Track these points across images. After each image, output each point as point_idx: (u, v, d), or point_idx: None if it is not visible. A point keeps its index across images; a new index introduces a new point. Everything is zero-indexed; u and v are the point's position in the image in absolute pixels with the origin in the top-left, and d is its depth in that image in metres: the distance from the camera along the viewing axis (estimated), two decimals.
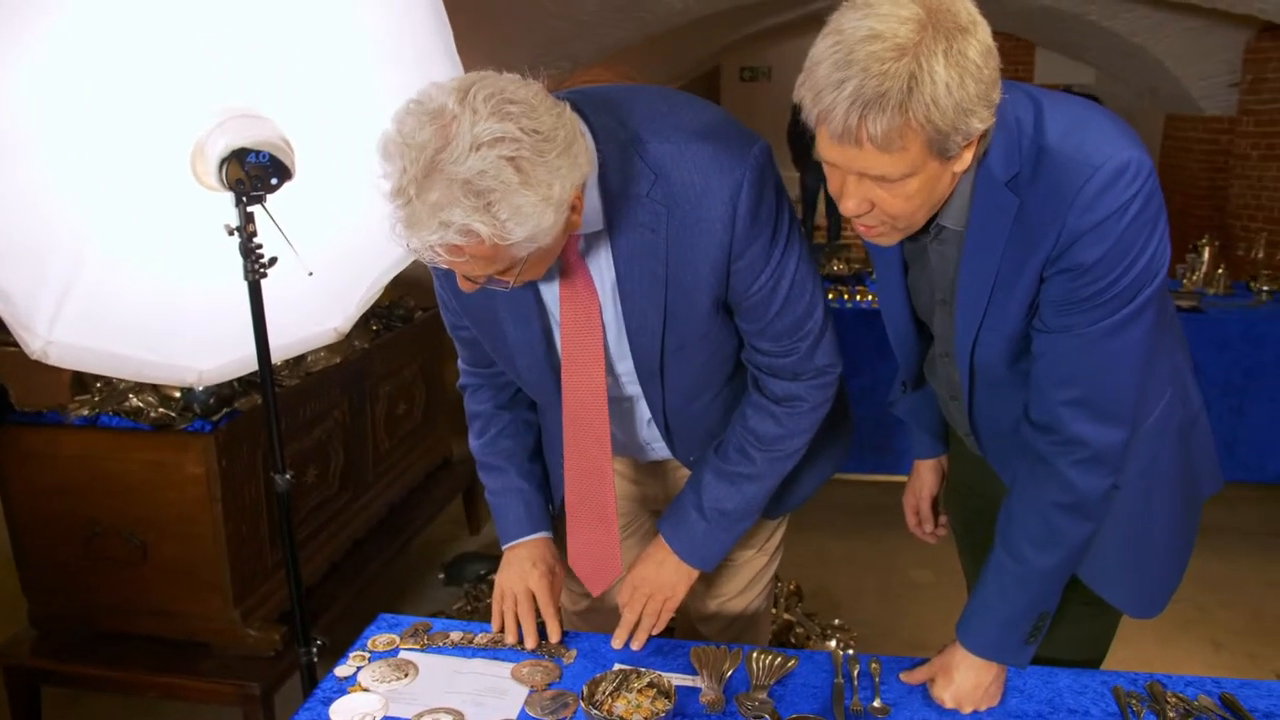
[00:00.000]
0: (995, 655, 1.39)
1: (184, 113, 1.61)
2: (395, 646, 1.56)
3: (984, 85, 1.08)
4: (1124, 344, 1.24)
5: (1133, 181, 1.15)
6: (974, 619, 1.40)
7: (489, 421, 1.65)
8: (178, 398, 2.35)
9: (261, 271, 1.68)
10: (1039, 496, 1.33)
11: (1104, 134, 1.17)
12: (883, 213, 1.18)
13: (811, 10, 6.95)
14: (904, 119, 1.05)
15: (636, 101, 1.29)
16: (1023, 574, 1.36)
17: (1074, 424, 1.28)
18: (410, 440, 3.38)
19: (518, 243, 1.11)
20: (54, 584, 2.41)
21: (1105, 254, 1.17)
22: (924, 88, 1.04)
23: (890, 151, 1.08)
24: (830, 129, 1.08)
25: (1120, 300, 1.21)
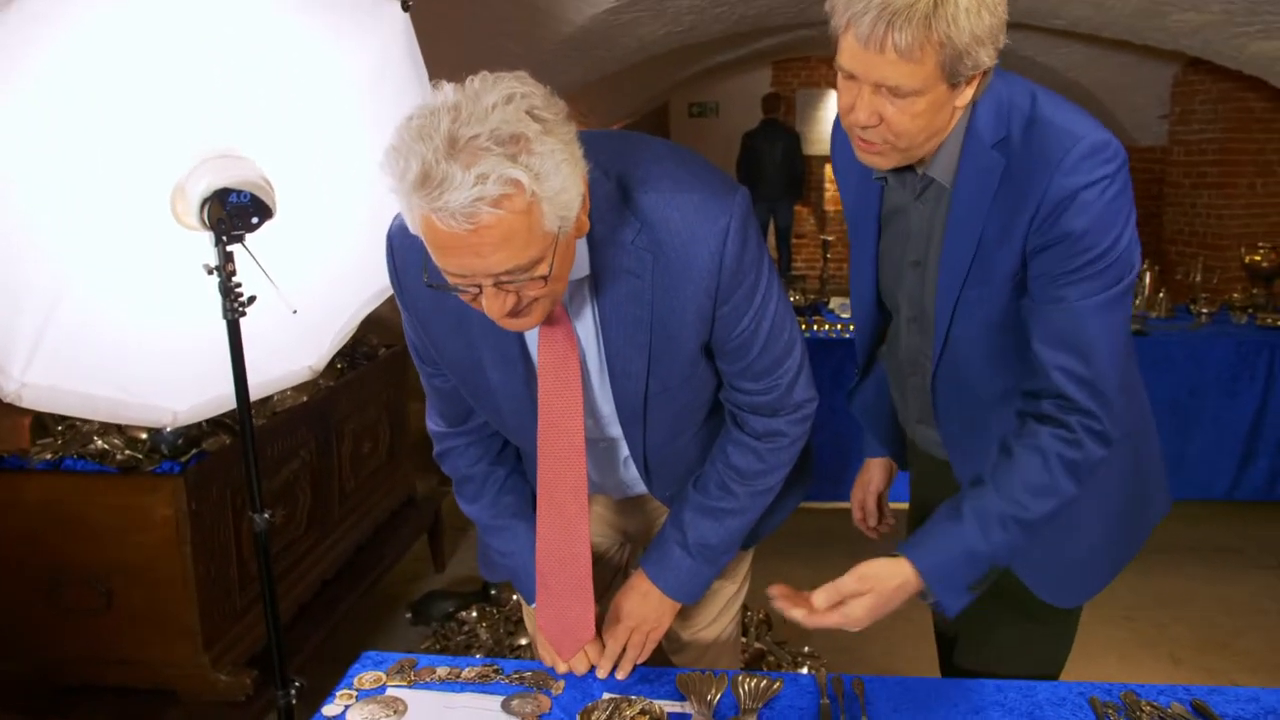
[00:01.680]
0: (939, 585, 1.36)
1: (164, 154, 1.62)
2: (382, 684, 1.55)
3: (996, 22, 1.19)
4: (1111, 323, 1.30)
5: (1112, 158, 1.25)
6: (936, 542, 1.37)
7: (483, 484, 1.61)
8: (144, 439, 2.32)
9: (241, 310, 1.69)
10: (1046, 447, 1.35)
11: (1088, 118, 1.29)
12: (888, 129, 1.26)
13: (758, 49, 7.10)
14: (926, 32, 1.15)
15: (622, 150, 1.31)
16: (1008, 515, 1.35)
17: (1075, 391, 1.32)
18: (375, 479, 3.36)
19: (551, 198, 1.08)
20: (12, 636, 2.35)
21: (1090, 225, 1.25)
22: (948, 6, 1.14)
23: (910, 61, 1.17)
24: (858, 33, 1.17)
25: (1109, 276, 1.28)
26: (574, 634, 1.51)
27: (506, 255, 1.08)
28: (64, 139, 1.54)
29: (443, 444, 1.61)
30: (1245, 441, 3.97)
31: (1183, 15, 4.55)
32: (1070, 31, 5.52)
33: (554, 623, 1.52)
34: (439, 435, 1.61)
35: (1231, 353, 3.90)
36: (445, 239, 1.07)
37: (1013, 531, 1.36)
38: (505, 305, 1.14)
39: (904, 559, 1.36)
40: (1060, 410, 1.35)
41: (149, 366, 1.78)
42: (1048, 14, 5.09)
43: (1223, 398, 3.92)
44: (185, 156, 1.62)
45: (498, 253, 1.07)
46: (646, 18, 4.16)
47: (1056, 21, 5.20)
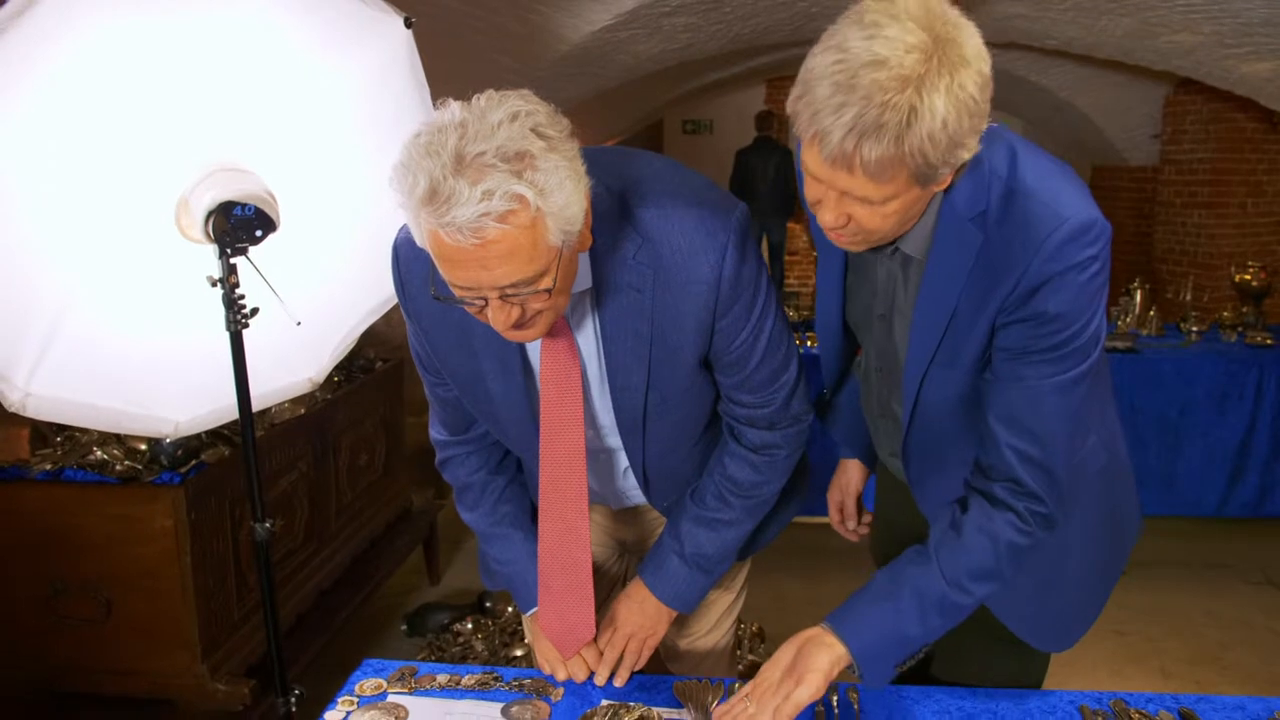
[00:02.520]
0: (869, 665, 1.34)
1: (169, 167, 1.64)
2: (383, 690, 1.57)
3: (977, 118, 1.09)
4: (1068, 404, 1.27)
5: (1095, 240, 1.18)
6: (870, 622, 1.34)
7: (483, 492, 1.63)
8: (144, 450, 2.34)
9: (244, 322, 1.71)
10: (999, 534, 1.33)
11: (1073, 191, 1.21)
12: (858, 226, 1.20)
13: (751, 66, 7.16)
14: (898, 150, 1.06)
15: (623, 167, 1.34)
16: (948, 600, 1.33)
17: (1026, 474, 1.30)
18: (372, 491, 3.37)
19: (556, 214, 1.10)
20: (12, 644, 2.36)
21: (1065, 308, 1.20)
22: (922, 122, 1.04)
23: (879, 180, 1.10)
24: (824, 150, 1.08)
25: (1074, 358, 1.24)
26: (575, 633, 1.54)
27: (512, 269, 1.11)
28: (70, 153, 1.56)
29: (444, 452, 1.63)
30: (1234, 459, 4.01)
31: (1174, 37, 4.62)
32: (1063, 52, 5.59)
33: (556, 623, 1.55)
34: (441, 444, 1.63)
35: (1221, 371, 3.94)
36: (452, 253, 1.09)
37: (948, 616, 1.35)
38: (510, 318, 1.16)
39: (835, 638, 1.34)
40: (1012, 495, 1.33)
41: (152, 377, 1.80)
42: (1040, 35, 5.16)
43: (1212, 415, 3.96)
44: (190, 170, 1.65)
45: (503, 266, 1.10)
46: (642, 35, 4.21)
47: (1049, 42, 5.27)
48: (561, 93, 4.63)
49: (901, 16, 1.05)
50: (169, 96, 1.61)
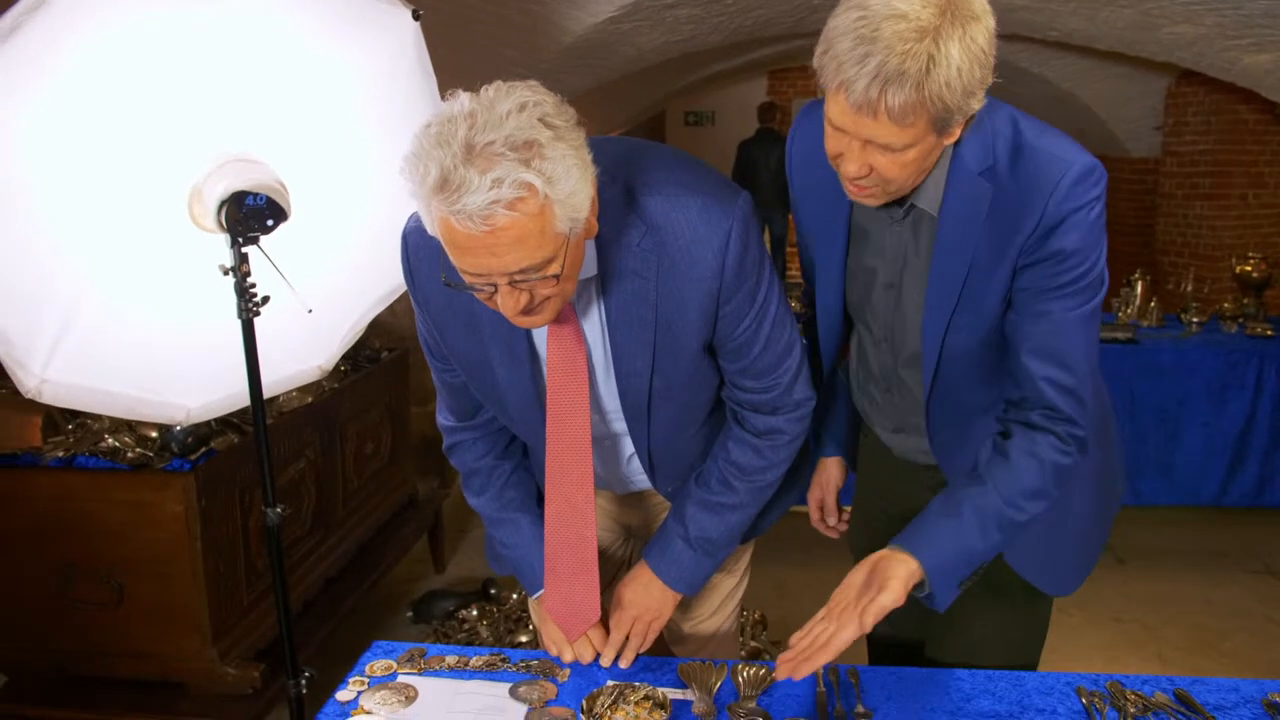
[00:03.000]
0: (939, 579, 1.40)
1: (182, 158, 1.67)
2: (393, 671, 1.61)
3: (986, 70, 1.20)
4: (1090, 333, 1.37)
5: (1098, 182, 1.30)
6: (938, 539, 1.40)
7: (489, 477, 1.66)
8: (154, 438, 2.37)
9: (256, 310, 1.73)
10: (1044, 455, 1.40)
11: (1070, 143, 1.33)
12: (879, 176, 1.28)
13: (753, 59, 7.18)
14: (919, 96, 1.15)
15: (628, 156, 1.36)
16: (1005, 517, 1.40)
17: (1061, 401, 1.39)
18: (378, 479, 3.40)
19: (563, 201, 1.13)
20: (26, 627, 2.40)
21: (1079, 244, 1.31)
22: (940, 69, 1.14)
23: (902, 124, 1.19)
24: (850, 98, 1.18)
25: (1090, 291, 1.35)
26: (581, 615, 1.57)
27: (521, 255, 1.13)
28: (86, 144, 1.58)
29: (452, 438, 1.66)
30: (1234, 448, 4.03)
31: (1175, 28, 4.63)
32: (1065, 43, 5.60)
33: (562, 605, 1.57)
34: (448, 429, 1.66)
35: (1221, 361, 3.95)
36: (463, 240, 1.12)
37: (1006, 532, 1.43)
38: (519, 303, 1.19)
39: (907, 554, 1.39)
40: (1049, 420, 1.41)
41: (165, 365, 1.82)
42: (1042, 26, 5.17)
43: (1212, 405, 3.98)
44: (202, 160, 1.67)
45: (512, 252, 1.13)
46: (645, 27, 4.23)
47: (1051, 33, 5.27)
48: (564, 84, 4.64)
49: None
50: (182, 88, 1.64)
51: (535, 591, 1.64)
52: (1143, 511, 4.18)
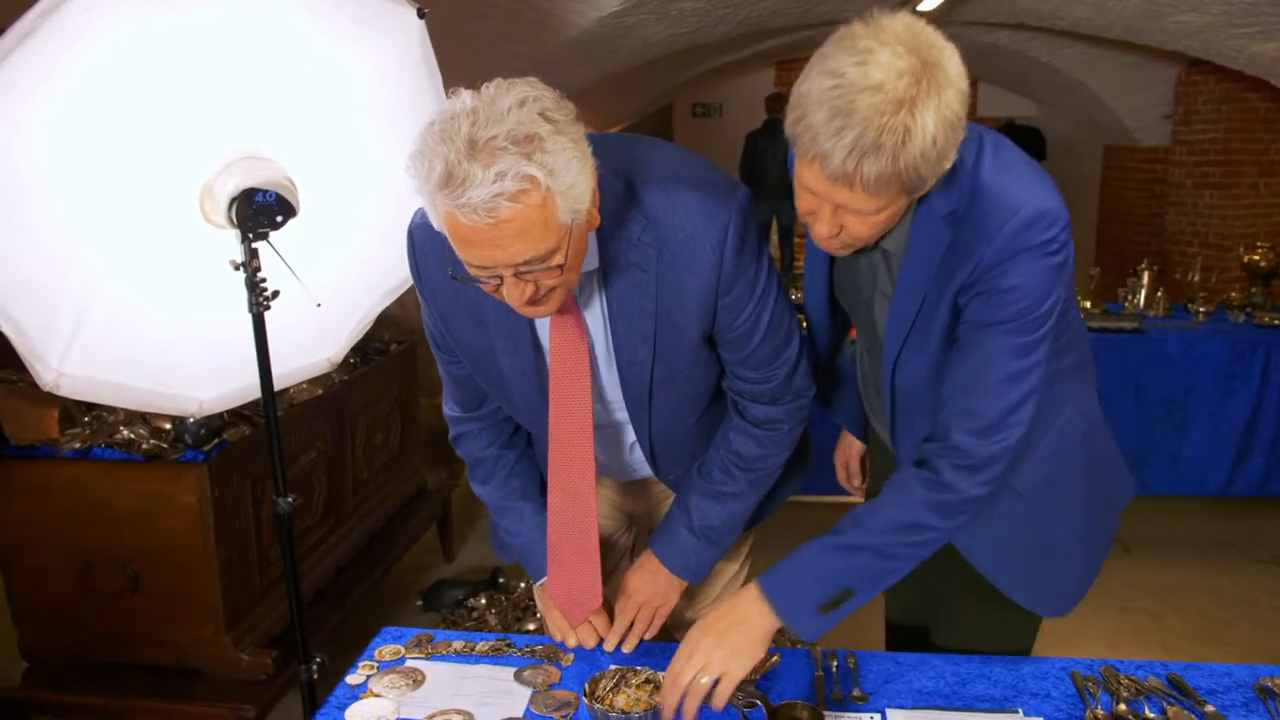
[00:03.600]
0: (790, 616, 1.40)
1: (193, 156, 1.71)
2: (402, 656, 1.65)
3: (959, 131, 1.18)
4: (1022, 367, 1.34)
5: (1049, 228, 1.26)
6: (785, 571, 1.42)
7: (494, 466, 1.69)
8: (168, 429, 2.41)
9: (266, 304, 1.78)
10: (911, 492, 1.40)
11: (1028, 181, 1.28)
12: (849, 234, 1.29)
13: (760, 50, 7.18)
14: (895, 167, 1.14)
15: (628, 152, 1.39)
16: (852, 541, 1.41)
17: (959, 433, 1.37)
18: (387, 470, 3.45)
19: (564, 192, 1.15)
20: (46, 616, 2.45)
21: (1025, 281, 1.28)
22: (916, 140, 1.13)
23: (877, 194, 1.18)
24: (826, 170, 1.17)
25: (1029, 327, 1.32)
26: (583, 602, 1.61)
27: (525, 246, 1.16)
28: (101, 143, 1.63)
29: (457, 428, 1.70)
30: (1241, 438, 4.03)
31: (1182, 17, 4.62)
32: (1073, 32, 5.59)
33: (564, 592, 1.61)
34: (454, 420, 1.70)
35: (1228, 351, 3.95)
36: (468, 233, 1.15)
37: (860, 555, 1.42)
38: (524, 294, 1.23)
39: (749, 600, 1.42)
40: (937, 452, 1.39)
41: (177, 358, 1.87)
42: (1049, 15, 5.17)
43: (1219, 395, 3.98)
44: (213, 158, 1.71)
45: (517, 244, 1.16)
46: (650, 20, 4.24)
47: (1059, 22, 5.28)
48: (571, 77, 4.66)
49: (890, 42, 1.13)
50: (193, 88, 1.68)
51: (539, 578, 1.68)
52: (1149, 501, 4.19)
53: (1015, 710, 1.47)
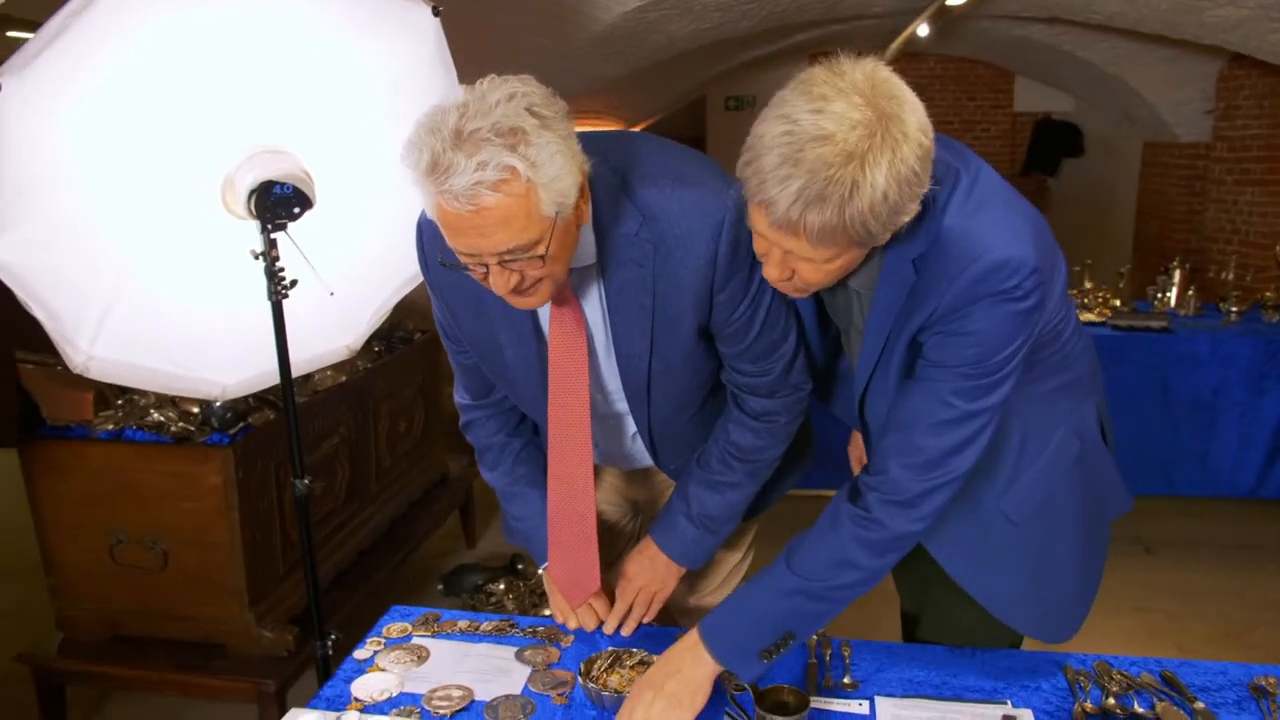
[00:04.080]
0: (729, 657, 1.40)
1: (216, 149, 1.77)
2: (408, 633, 1.70)
3: (918, 185, 1.14)
4: (970, 410, 1.31)
5: (1009, 276, 1.22)
6: (725, 618, 1.43)
7: (501, 453, 1.75)
8: (196, 413, 2.49)
9: (284, 293, 1.84)
10: (840, 529, 1.38)
11: (995, 226, 1.24)
12: (801, 280, 1.26)
13: (794, 42, 7.16)
14: (841, 220, 1.11)
15: (626, 149, 1.43)
16: (788, 586, 1.39)
17: (896, 466, 1.35)
18: (410, 457, 3.52)
19: (547, 185, 1.19)
20: (79, 590, 2.54)
21: (983, 327, 1.25)
22: (863, 195, 1.09)
23: (823, 245, 1.16)
24: (771, 217, 1.15)
25: (983, 373, 1.29)
26: (581, 584, 1.66)
27: (507, 235, 1.21)
28: (128, 137, 1.69)
29: (467, 415, 1.75)
30: (1272, 439, 3.98)
31: (1219, 11, 4.56)
32: (1108, 26, 5.53)
33: (564, 574, 1.66)
34: (464, 408, 1.75)
35: (1260, 351, 3.90)
36: (453, 220, 1.20)
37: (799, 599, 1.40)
38: (510, 282, 1.27)
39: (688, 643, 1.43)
40: (869, 484, 1.38)
41: (202, 343, 1.94)
42: (1083, 8, 5.11)
43: (1249, 396, 3.93)
44: (234, 151, 1.77)
45: (499, 232, 1.20)
46: (674, 15, 4.26)
47: (1093, 16, 5.22)
48: (596, 72, 4.70)
49: (848, 90, 1.10)
50: (215, 84, 1.74)
51: (543, 562, 1.73)
52: (1174, 502, 4.17)
53: (1004, 701, 1.50)
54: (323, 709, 1.49)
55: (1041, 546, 1.53)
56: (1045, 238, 1.30)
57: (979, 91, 9.61)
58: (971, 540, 1.54)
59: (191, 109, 1.72)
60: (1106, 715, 1.45)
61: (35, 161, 1.60)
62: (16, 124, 1.54)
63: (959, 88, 9.65)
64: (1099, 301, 4.30)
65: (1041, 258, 1.25)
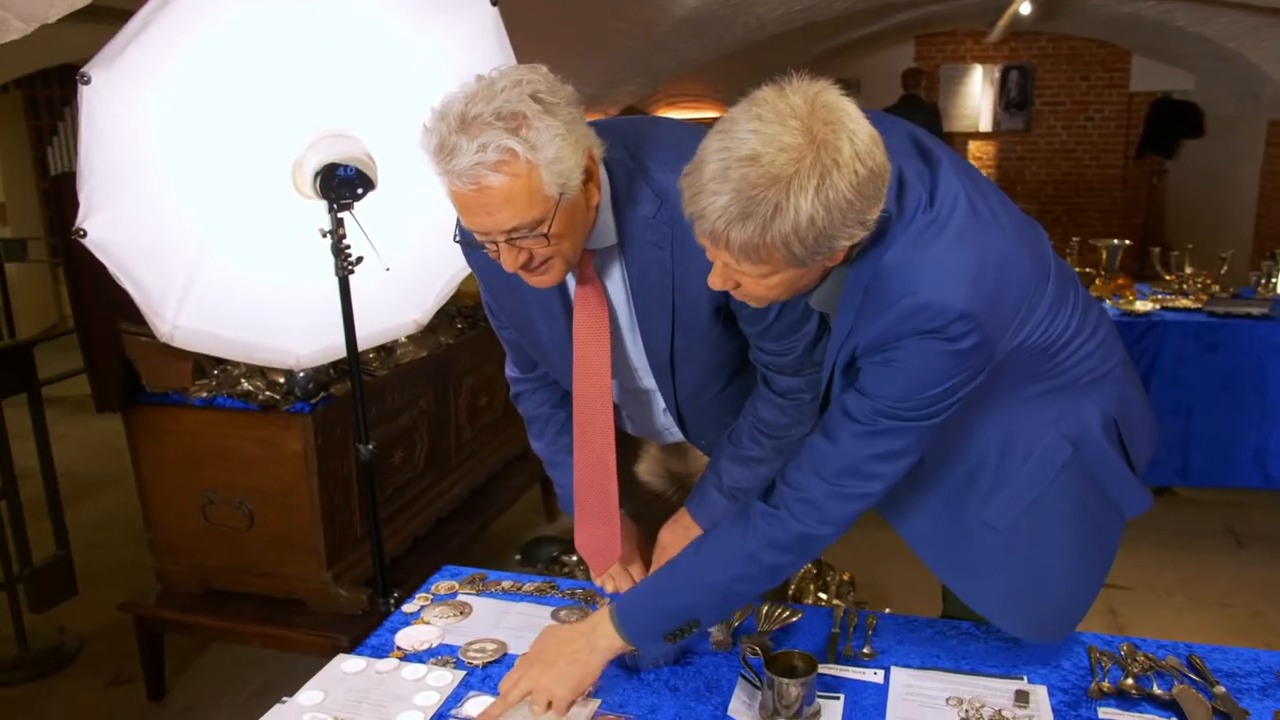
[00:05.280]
0: (638, 638, 1.46)
1: (285, 134, 1.90)
2: (455, 591, 1.81)
3: (855, 212, 1.13)
4: (891, 427, 1.33)
5: (931, 319, 1.22)
6: (637, 604, 1.48)
7: (547, 423, 1.84)
8: (281, 383, 2.66)
9: (350, 268, 1.96)
10: (752, 526, 1.42)
11: (930, 265, 1.24)
12: (745, 292, 1.28)
13: (895, 23, 7.05)
14: (763, 239, 1.12)
15: (643, 134, 1.48)
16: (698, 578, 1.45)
17: (807, 465, 1.40)
18: (490, 430, 3.65)
19: (547, 166, 1.25)
20: (176, 545, 2.75)
21: (907, 365, 1.27)
22: (785, 218, 1.10)
23: (751, 260, 1.17)
24: (699, 228, 1.17)
25: (907, 407, 1.31)
26: (604, 553, 1.73)
27: (511, 214, 1.28)
28: (207, 122, 1.84)
29: (516, 387, 1.85)
30: None
31: None
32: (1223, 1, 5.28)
33: (588, 543, 1.73)
34: (513, 380, 1.85)
35: None
36: (460, 200, 1.29)
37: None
38: (518, 260, 1.35)
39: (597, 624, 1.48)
40: (781, 482, 1.42)
41: (276, 315, 2.08)
42: None
43: None
44: (303, 136, 1.90)
45: (503, 211, 1.28)
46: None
47: None
48: (683, 54, 4.73)
49: (785, 114, 1.11)
50: (285, 72, 1.87)
51: None
52: (1271, 495, 4.00)
53: (1020, 677, 1.51)
54: (368, 655, 1.61)
55: (1029, 552, 1.51)
56: (998, 277, 1.27)
57: (1092, 71, 9.26)
58: (955, 546, 1.55)
59: (263, 96, 1.85)
60: (1122, 695, 1.45)
61: (123, 147, 1.75)
62: (105, 113, 1.69)
63: (1071, 67, 9.32)
64: (1197, 287, 4.15)
65: (979, 302, 1.23)
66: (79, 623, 3.29)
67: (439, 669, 1.55)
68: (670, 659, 1.56)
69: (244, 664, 3.05)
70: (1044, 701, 1.45)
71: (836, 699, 1.47)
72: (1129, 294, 4.12)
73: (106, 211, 1.77)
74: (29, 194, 7.36)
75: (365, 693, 1.49)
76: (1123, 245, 4.29)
